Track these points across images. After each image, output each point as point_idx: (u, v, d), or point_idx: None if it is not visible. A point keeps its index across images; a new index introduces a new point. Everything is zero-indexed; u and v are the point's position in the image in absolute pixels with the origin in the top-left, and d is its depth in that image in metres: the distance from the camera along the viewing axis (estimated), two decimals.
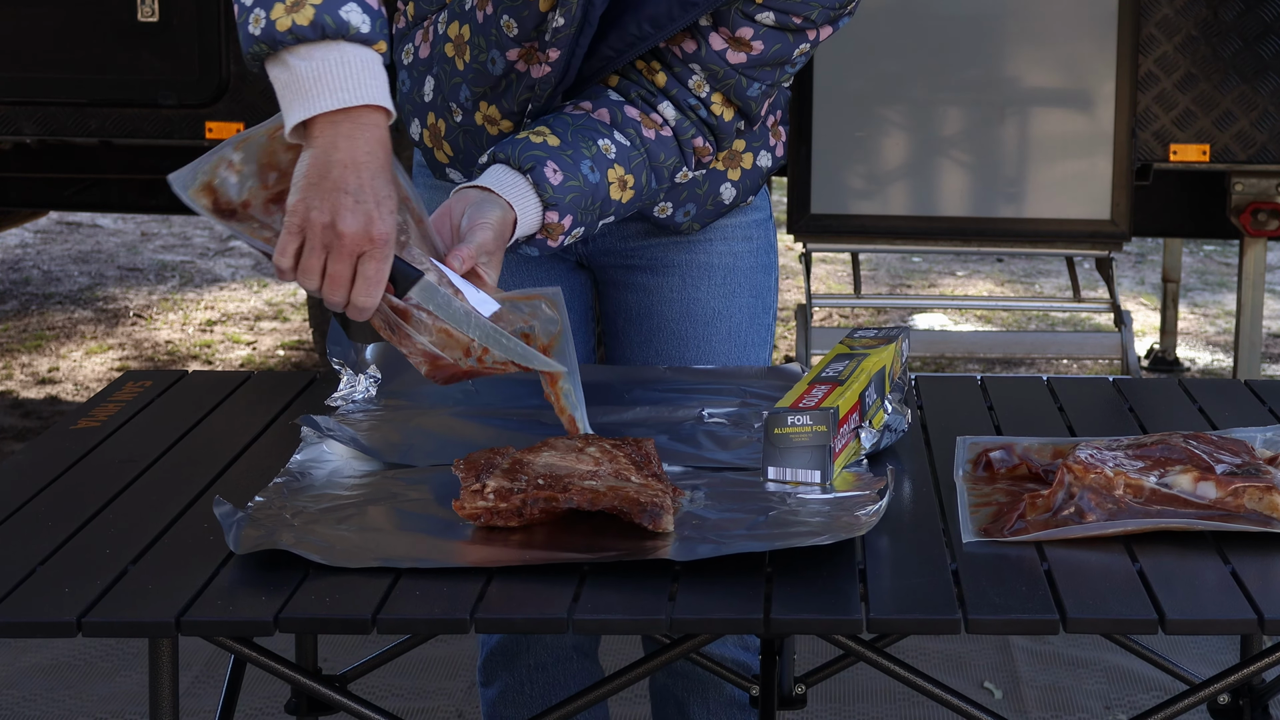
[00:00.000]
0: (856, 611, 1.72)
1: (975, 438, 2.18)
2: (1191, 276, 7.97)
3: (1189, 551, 1.86)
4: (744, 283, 2.45)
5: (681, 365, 2.43)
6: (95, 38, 5.14)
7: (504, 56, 2.21)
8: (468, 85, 2.27)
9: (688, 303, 2.44)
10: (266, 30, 1.76)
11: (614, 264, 2.46)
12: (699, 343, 2.44)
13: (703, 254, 2.44)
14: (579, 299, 2.48)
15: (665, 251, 2.43)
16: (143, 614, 1.73)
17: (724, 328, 2.44)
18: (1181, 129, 4.94)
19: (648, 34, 2.16)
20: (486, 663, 2.50)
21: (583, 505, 1.87)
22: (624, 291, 2.46)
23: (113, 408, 2.38)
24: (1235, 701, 2.62)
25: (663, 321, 2.45)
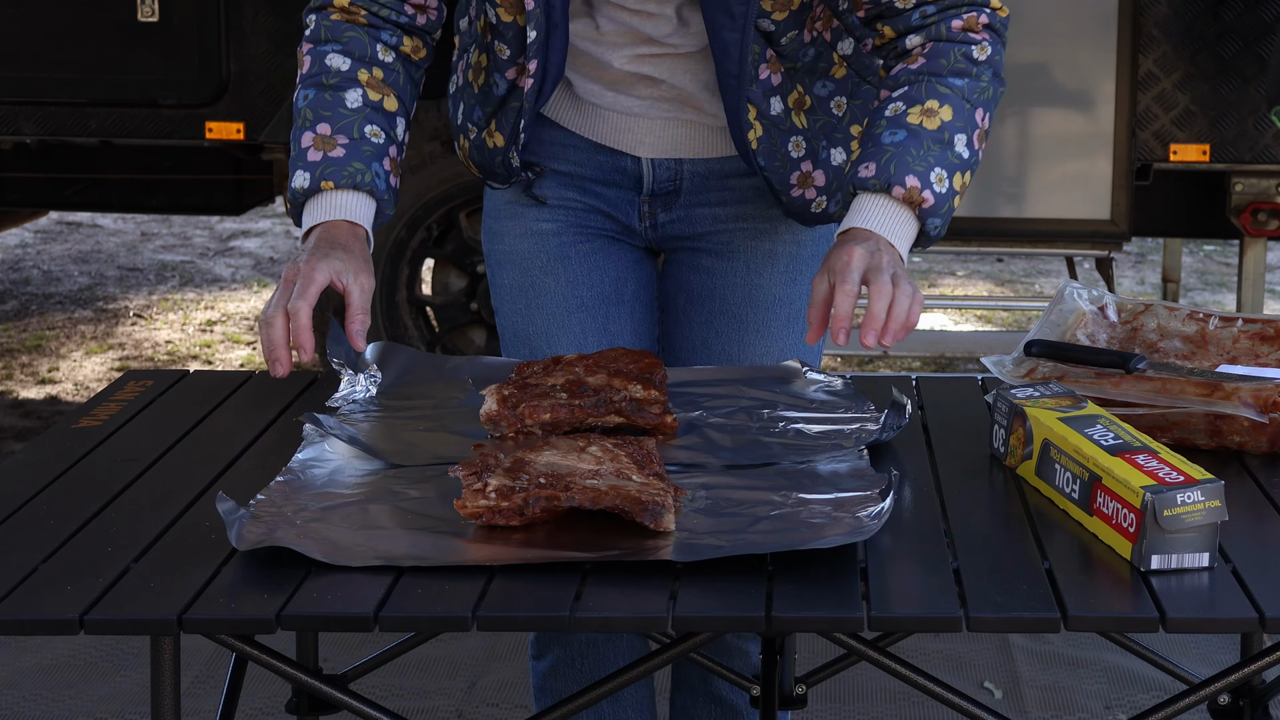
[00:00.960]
0: (858, 610, 1.72)
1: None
2: (1191, 276, 7.97)
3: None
4: (806, 271, 2.50)
5: (741, 346, 2.48)
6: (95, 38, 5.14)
7: (504, 78, 2.39)
8: (479, 107, 2.45)
9: (750, 288, 2.49)
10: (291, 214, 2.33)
11: (682, 246, 2.52)
12: (759, 327, 2.48)
13: (768, 241, 2.49)
14: (646, 287, 2.55)
15: (732, 237, 2.49)
16: (145, 612, 1.73)
17: (784, 314, 2.49)
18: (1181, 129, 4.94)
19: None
20: (540, 635, 2.53)
21: (584, 504, 1.87)
22: (688, 272, 2.52)
23: (114, 407, 2.38)
24: (1235, 701, 2.62)
25: (724, 304, 2.50)
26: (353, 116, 2.30)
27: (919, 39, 2.29)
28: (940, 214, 2.22)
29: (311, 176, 2.27)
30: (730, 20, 2.28)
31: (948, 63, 2.27)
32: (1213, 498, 1.82)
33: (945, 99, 2.25)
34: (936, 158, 2.22)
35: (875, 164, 2.21)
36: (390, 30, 2.36)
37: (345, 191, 2.27)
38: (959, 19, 2.28)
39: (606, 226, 2.50)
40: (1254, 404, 2.11)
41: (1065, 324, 2.38)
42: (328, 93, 2.31)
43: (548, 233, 2.49)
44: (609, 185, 2.48)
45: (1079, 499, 1.94)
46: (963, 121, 2.25)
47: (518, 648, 3.97)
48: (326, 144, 2.28)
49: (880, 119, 2.25)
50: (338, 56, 2.33)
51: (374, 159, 2.29)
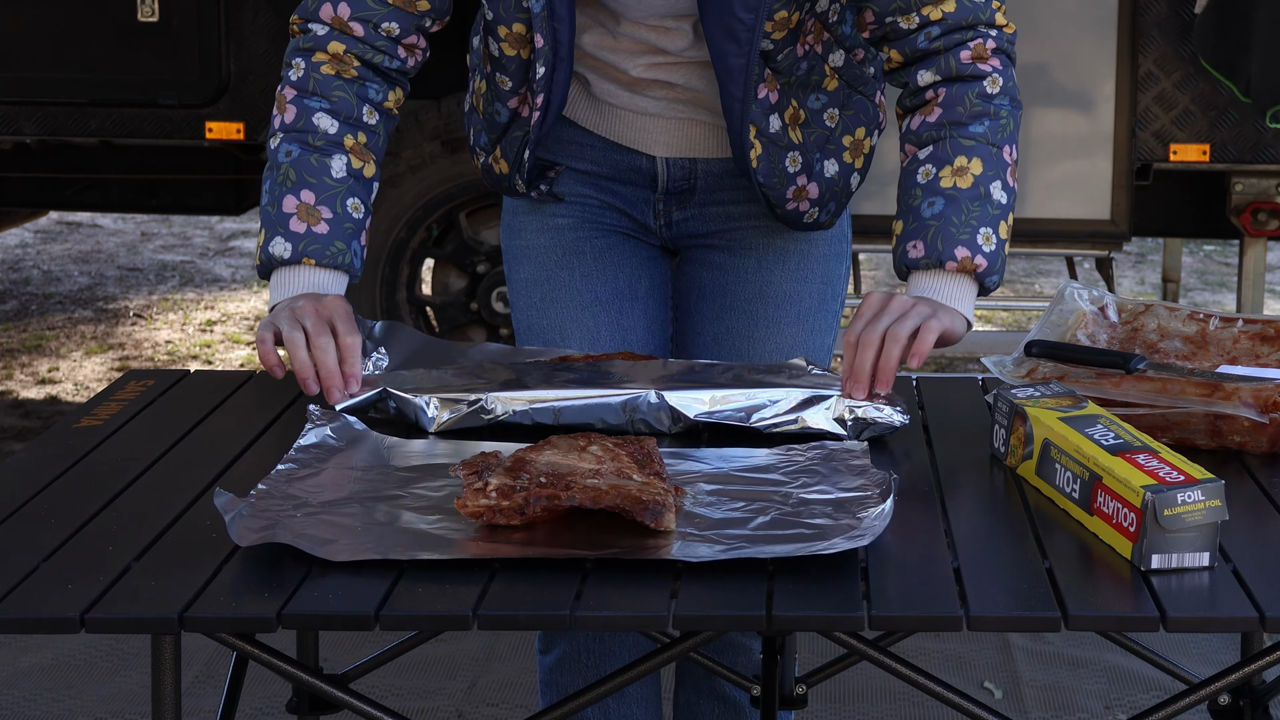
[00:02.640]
0: (858, 609, 1.72)
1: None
2: (1191, 276, 7.97)
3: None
4: (816, 269, 2.53)
5: (751, 342, 2.50)
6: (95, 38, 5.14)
7: (506, 107, 2.43)
8: (485, 133, 2.50)
9: (761, 284, 2.52)
10: (259, 269, 2.37)
11: (695, 244, 2.55)
12: (769, 324, 2.51)
13: (779, 239, 2.52)
14: (660, 284, 2.58)
15: (745, 235, 2.52)
16: (145, 610, 1.73)
17: (794, 310, 2.51)
18: (1181, 129, 4.94)
19: (749, 22, 2.26)
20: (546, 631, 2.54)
21: (585, 503, 1.87)
22: (701, 269, 2.55)
23: (115, 407, 2.38)
24: (1235, 701, 2.62)
25: (735, 300, 2.53)
26: (337, 188, 2.33)
27: (930, 75, 2.30)
28: (995, 270, 2.27)
29: (294, 249, 2.31)
30: (736, 46, 2.29)
31: (965, 109, 2.29)
32: (1213, 497, 1.82)
33: (972, 152, 2.27)
34: (979, 217, 2.26)
35: (922, 242, 2.25)
36: (378, 85, 2.37)
37: (324, 270, 2.32)
38: (966, 49, 2.29)
39: (622, 224, 2.52)
40: (1254, 404, 2.11)
41: (1065, 324, 2.38)
42: (313, 156, 2.33)
43: (564, 228, 2.51)
44: (625, 183, 2.50)
45: (1079, 498, 1.94)
46: (993, 169, 2.27)
47: (518, 647, 3.97)
48: (310, 216, 2.32)
49: (915, 187, 2.28)
50: (325, 117, 2.34)
51: (353, 237, 2.34)
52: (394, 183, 5.34)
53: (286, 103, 2.36)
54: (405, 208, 5.35)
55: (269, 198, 2.33)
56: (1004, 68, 2.31)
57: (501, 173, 2.50)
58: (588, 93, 2.47)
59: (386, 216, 5.34)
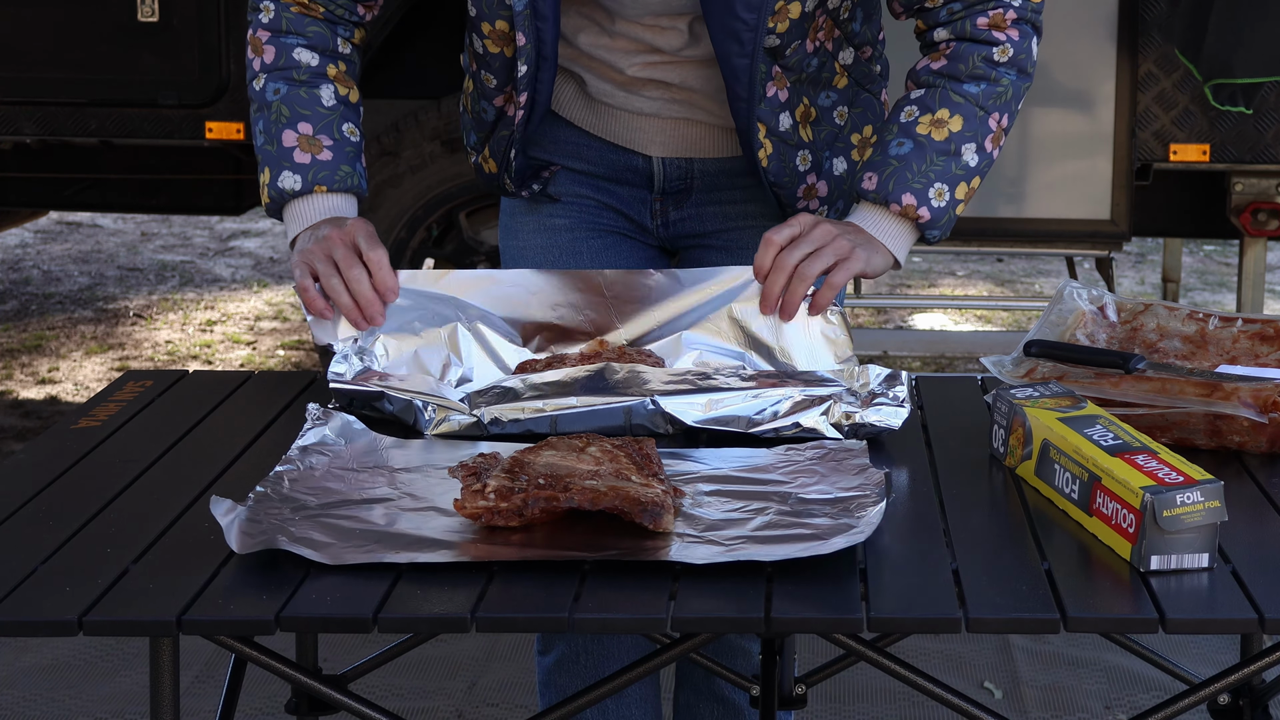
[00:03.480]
0: (857, 611, 1.72)
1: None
2: (1191, 276, 7.97)
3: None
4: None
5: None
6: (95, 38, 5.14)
7: (492, 105, 2.46)
8: (474, 132, 2.53)
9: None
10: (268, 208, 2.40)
11: (693, 244, 2.56)
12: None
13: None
14: None
15: (743, 234, 2.53)
16: (144, 613, 1.73)
17: None
18: (1181, 129, 4.94)
19: (751, 22, 2.27)
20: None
21: (583, 505, 1.87)
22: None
23: (113, 407, 2.38)
24: (1235, 701, 2.62)
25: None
26: (330, 115, 2.38)
27: (945, 34, 2.35)
28: (939, 225, 2.34)
29: (303, 180, 2.36)
30: (739, 46, 2.30)
31: (966, 67, 2.33)
32: (1212, 498, 1.82)
33: (957, 108, 2.32)
34: (939, 171, 2.31)
35: (878, 176, 2.32)
36: (344, 25, 2.42)
37: (337, 195, 2.37)
38: (985, 15, 2.33)
39: (619, 224, 2.52)
40: (1253, 404, 2.11)
41: (1065, 324, 2.38)
42: (302, 89, 2.38)
43: (560, 228, 2.51)
44: (621, 183, 2.50)
45: (1078, 499, 1.94)
46: (973, 130, 2.33)
47: (518, 647, 3.97)
48: (312, 145, 2.36)
49: (894, 123, 2.34)
50: (305, 51, 2.39)
51: (355, 159, 2.38)
52: (394, 183, 5.34)
53: (263, 44, 2.40)
54: (405, 208, 5.35)
55: (265, 137, 2.37)
56: (1021, 39, 2.35)
57: (491, 172, 2.51)
58: (583, 92, 2.46)
59: (387, 216, 5.34)
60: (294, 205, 2.36)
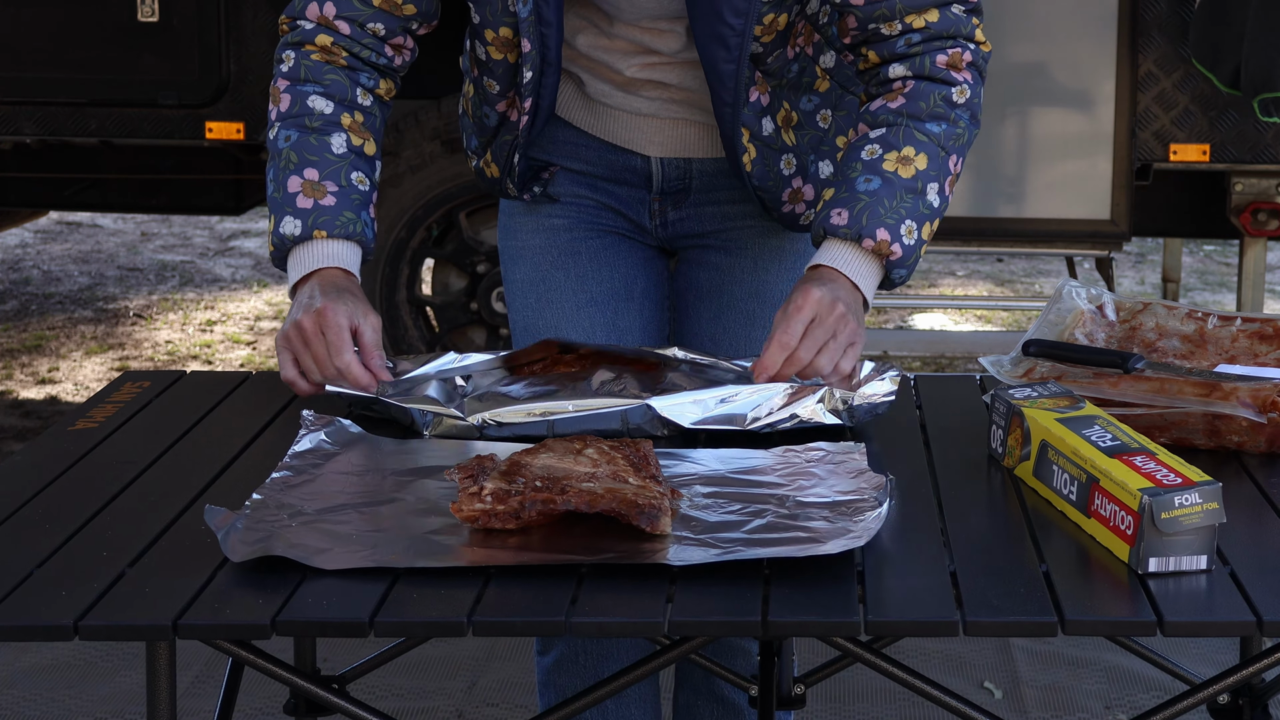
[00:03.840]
0: (855, 614, 1.72)
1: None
2: (1191, 276, 7.96)
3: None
4: None
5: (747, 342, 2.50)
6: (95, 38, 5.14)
7: (495, 111, 2.44)
8: (475, 136, 2.51)
9: (757, 284, 2.53)
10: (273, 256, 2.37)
11: (692, 244, 2.55)
12: (766, 322, 2.50)
13: (775, 238, 2.53)
14: (656, 285, 2.58)
15: (740, 234, 2.52)
16: (140, 617, 1.73)
17: None
18: (1181, 129, 4.94)
19: (739, 27, 2.27)
20: None
21: (580, 507, 1.87)
22: (697, 269, 2.55)
23: (111, 408, 2.37)
24: (1235, 701, 2.61)
25: (732, 300, 2.53)
26: (339, 163, 2.33)
27: (903, 69, 2.31)
28: (906, 265, 2.28)
29: (303, 224, 2.31)
30: (726, 52, 2.30)
31: (927, 106, 2.29)
32: (1210, 500, 1.81)
33: (921, 146, 2.28)
34: (909, 209, 2.27)
35: (848, 212, 2.26)
36: (368, 73, 2.38)
37: (337, 241, 2.31)
38: (944, 54, 2.30)
39: (618, 224, 2.52)
40: (1252, 404, 2.11)
41: (1063, 323, 2.38)
42: (312, 136, 2.33)
43: (559, 229, 2.51)
44: (620, 184, 2.50)
45: (1077, 501, 1.94)
46: (936, 170, 2.29)
47: (518, 647, 3.97)
48: (316, 190, 2.31)
49: (856, 161, 2.29)
50: (320, 99, 2.34)
51: (362, 207, 2.33)
52: (394, 183, 5.34)
53: (280, 93, 2.36)
54: (405, 208, 5.34)
55: (273, 185, 2.34)
56: (974, 82, 2.32)
57: (493, 176, 2.50)
58: (582, 93, 2.46)
59: (387, 216, 5.34)
60: (295, 252, 2.32)
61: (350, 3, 2.34)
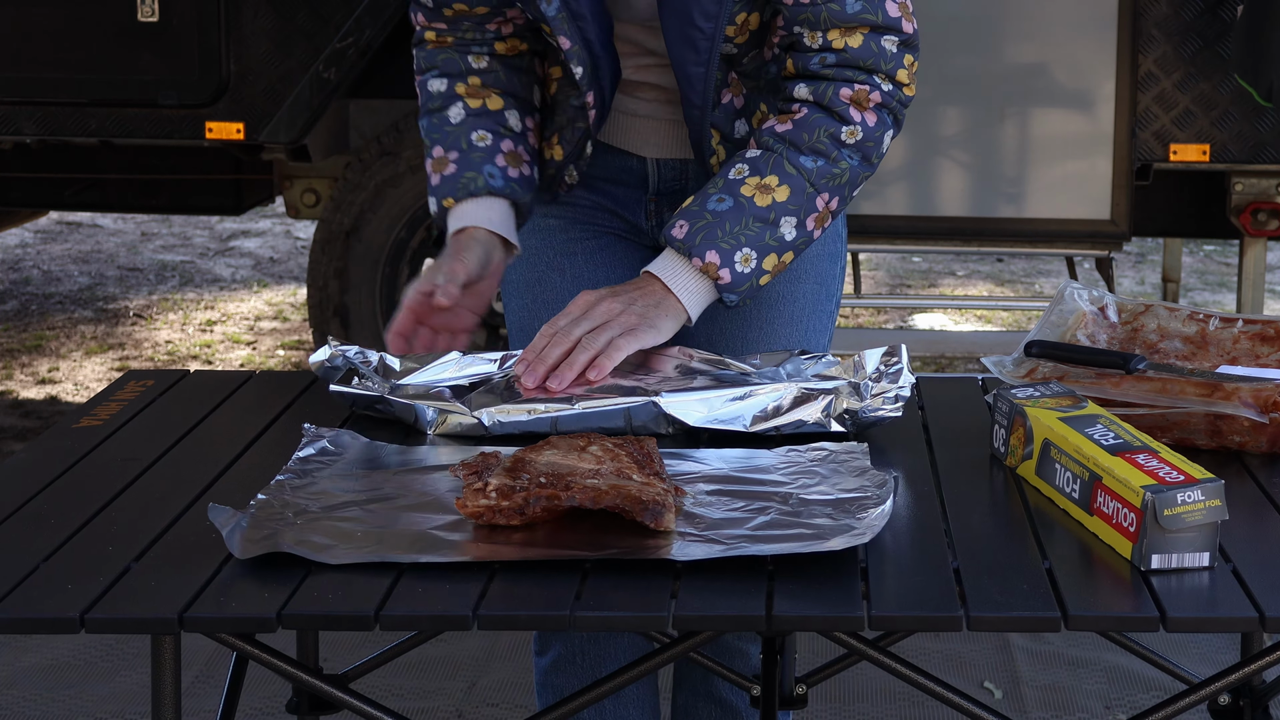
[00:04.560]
0: (858, 609, 1.72)
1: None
2: (1191, 276, 7.97)
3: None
4: (810, 269, 2.50)
5: (744, 343, 2.49)
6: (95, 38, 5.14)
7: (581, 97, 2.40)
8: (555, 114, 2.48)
9: None
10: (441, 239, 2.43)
11: None
12: (762, 324, 2.49)
13: None
14: None
15: None
16: (145, 610, 1.73)
17: (787, 311, 2.49)
18: (1181, 129, 4.94)
19: (709, 31, 2.27)
20: (542, 632, 2.54)
21: (585, 503, 1.87)
22: None
23: (115, 406, 2.38)
24: (1235, 701, 2.62)
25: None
26: (457, 131, 2.41)
27: (805, 91, 2.28)
28: (737, 291, 2.28)
29: (437, 201, 2.41)
30: (695, 54, 2.30)
31: (809, 139, 2.27)
32: (1213, 497, 1.82)
33: (787, 179, 2.26)
34: (751, 237, 2.25)
35: (689, 227, 2.26)
36: (480, 44, 2.45)
37: (464, 203, 2.38)
38: (850, 88, 2.26)
39: (614, 225, 2.52)
40: (1254, 404, 2.11)
41: (1065, 324, 2.38)
42: (434, 117, 2.43)
43: (554, 229, 2.51)
44: (616, 184, 2.50)
45: (1079, 498, 1.94)
46: (796, 205, 2.27)
47: (518, 647, 3.97)
48: (441, 165, 2.41)
49: (720, 177, 2.29)
50: (435, 80, 2.44)
51: (484, 162, 2.39)
52: (394, 183, 5.34)
53: (417, 89, 2.48)
54: (405, 208, 5.35)
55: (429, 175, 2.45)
56: (875, 125, 2.27)
57: (553, 159, 2.47)
58: None
59: (387, 216, 5.35)
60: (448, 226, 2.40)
61: (432, 13, 2.44)
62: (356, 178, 5.37)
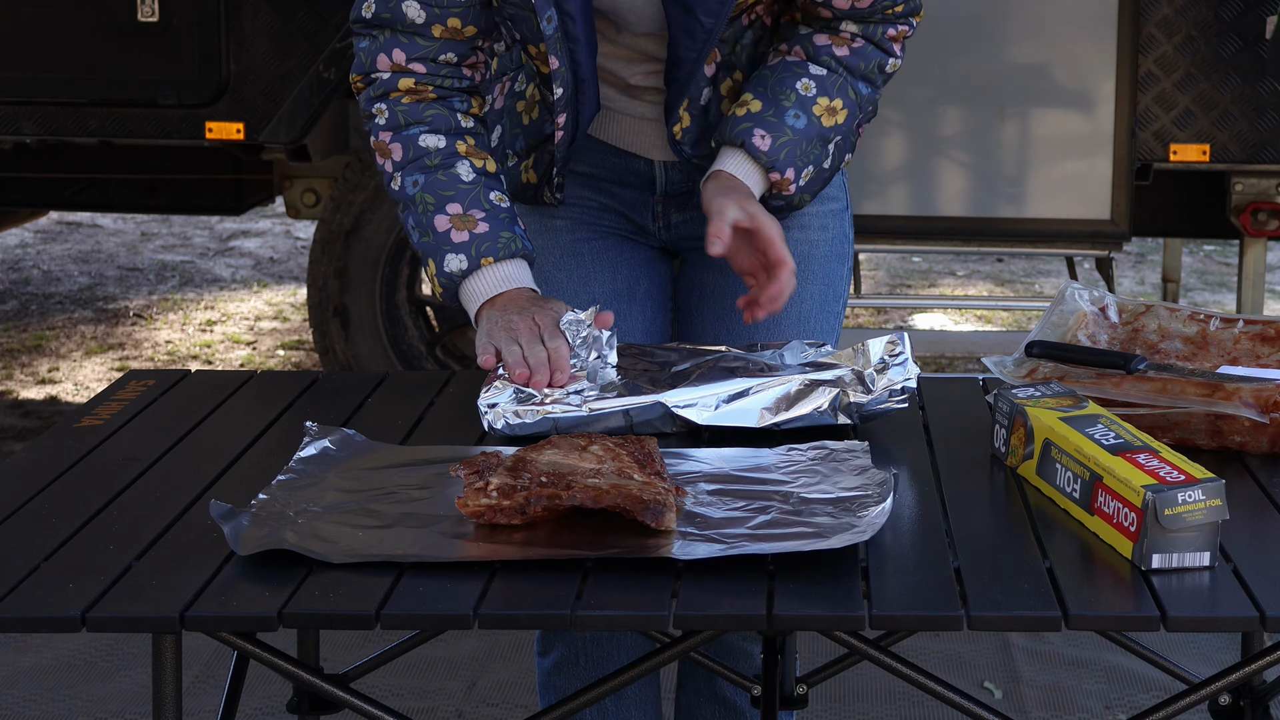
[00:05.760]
0: (859, 608, 1.72)
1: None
2: (1191, 276, 7.97)
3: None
4: (818, 270, 2.52)
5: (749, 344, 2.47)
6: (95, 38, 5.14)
7: (554, 120, 2.40)
8: (524, 138, 2.49)
9: None
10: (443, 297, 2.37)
11: (696, 246, 2.54)
12: (769, 324, 2.50)
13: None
14: (658, 286, 2.58)
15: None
16: (146, 609, 1.73)
17: (794, 312, 2.50)
18: (1181, 129, 4.94)
19: (709, 25, 2.30)
20: (545, 632, 2.54)
21: (586, 503, 1.87)
22: (701, 270, 2.55)
23: (116, 406, 2.38)
24: (1235, 701, 2.62)
25: (735, 301, 2.50)
26: (473, 189, 2.33)
27: (856, 27, 2.38)
28: (789, 202, 2.39)
29: (468, 257, 2.30)
30: (690, 41, 2.33)
31: (865, 66, 2.39)
32: (1214, 497, 1.82)
33: (849, 104, 2.39)
34: (815, 157, 2.38)
35: (772, 140, 2.35)
36: (459, 97, 2.38)
37: (505, 263, 2.32)
38: (894, 28, 2.39)
39: (620, 226, 2.52)
40: (1255, 404, 2.11)
41: (1066, 325, 2.38)
42: (439, 173, 2.33)
43: (561, 229, 2.51)
44: (623, 186, 2.50)
45: (1080, 498, 1.94)
46: (847, 129, 2.41)
47: (518, 647, 3.97)
48: (466, 222, 2.32)
49: (792, 90, 2.36)
50: (429, 136, 2.35)
51: (513, 223, 2.34)
52: None
53: (388, 145, 2.36)
54: None
55: (419, 231, 2.33)
56: (903, 58, 2.43)
57: (529, 182, 2.49)
58: None
59: (387, 216, 5.34)
60: (466, 285, 2.31)
61: (416, 43, 2.34)
62: (356, 178, 5.37)
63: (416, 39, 2.33)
